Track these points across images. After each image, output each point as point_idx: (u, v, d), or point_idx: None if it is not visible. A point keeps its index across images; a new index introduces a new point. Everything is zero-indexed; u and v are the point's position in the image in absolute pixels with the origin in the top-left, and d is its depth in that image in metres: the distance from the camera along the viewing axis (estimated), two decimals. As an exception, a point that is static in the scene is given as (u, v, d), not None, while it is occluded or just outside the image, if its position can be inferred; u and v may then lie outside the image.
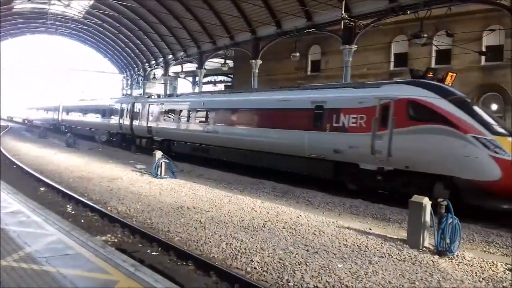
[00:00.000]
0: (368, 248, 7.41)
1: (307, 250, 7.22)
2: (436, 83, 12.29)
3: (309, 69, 31.62)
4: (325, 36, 25.56)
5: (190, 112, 21.16)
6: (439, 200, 7.56)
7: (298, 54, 25.07)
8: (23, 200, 8.78)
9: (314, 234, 8.21)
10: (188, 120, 21.30)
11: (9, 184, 10.85)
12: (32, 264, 4.99)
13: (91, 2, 38.71)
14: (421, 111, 11.24)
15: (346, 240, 7.84)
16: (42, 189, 13.24)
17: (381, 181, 12.10)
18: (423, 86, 11.80)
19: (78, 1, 39.56)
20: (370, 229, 8.82)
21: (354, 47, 21.50)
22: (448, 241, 7.22)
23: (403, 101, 11.59)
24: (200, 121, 20.32)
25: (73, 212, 10.36)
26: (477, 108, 11.52)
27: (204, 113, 20.14)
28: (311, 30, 23.40)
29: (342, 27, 19.52)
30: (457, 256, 7.16)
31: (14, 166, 17.71)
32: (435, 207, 7.67)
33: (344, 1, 18.40)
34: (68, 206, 10.96)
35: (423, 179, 11.02)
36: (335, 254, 7.03)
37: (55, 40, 73.57)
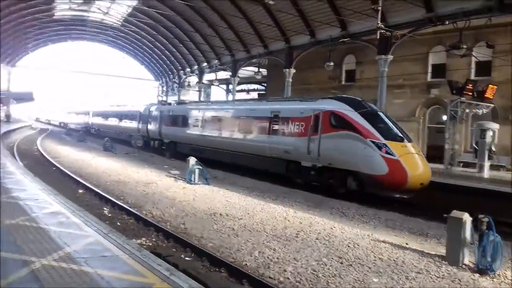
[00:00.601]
0: (404, 263, 7.20)
1: (341, 263, 7.09)
2: (356, 98, 15.65)
3: (343, 78, 31.32)
4: (360, 46, 25.28)
5: (188, 118, 24.39)
6: (480, 216, 7.29)
7: (332, 64, 24.86)
8: (63, 201, 9.00)
9: (348, 246, 8.06)
10: (186, 125, 24.43)
11: (49, 186, 11.19)
12: (72, 264, 5.08)
13: (129, 10, 39.90)
14: (338, 120, 14.23)
15: (382, 254, 7.64)
16: (80, 191, 13.63)
17: (314, 175, 15.05)
18: (344, 101, 14.98)
19: (117, 9, 40.89)
20: (406, 243, 8.55)
21: (390, 57, 21.14)
22: (489, 259, 6.93)
23: (328, 113, 14.56)
24: (194, 126, 23.62)
25: (109, 215, 10.61)
26: (384, 119, 14.37)
27: (198, 119, 23.29)
28: (346, 39, 23.23)
29: (378, 37, 19.27)
30: (498, 275, 6.86)
31: (54, 168, 18.33)
32: (475, 222, 7.39)
33: (380, 11, 18.16)
34: (105, 208, 11.22)
35: (340, 173, 14.00)
36: (370, 268, 6.88)
37: (94, 47, 75.93)
